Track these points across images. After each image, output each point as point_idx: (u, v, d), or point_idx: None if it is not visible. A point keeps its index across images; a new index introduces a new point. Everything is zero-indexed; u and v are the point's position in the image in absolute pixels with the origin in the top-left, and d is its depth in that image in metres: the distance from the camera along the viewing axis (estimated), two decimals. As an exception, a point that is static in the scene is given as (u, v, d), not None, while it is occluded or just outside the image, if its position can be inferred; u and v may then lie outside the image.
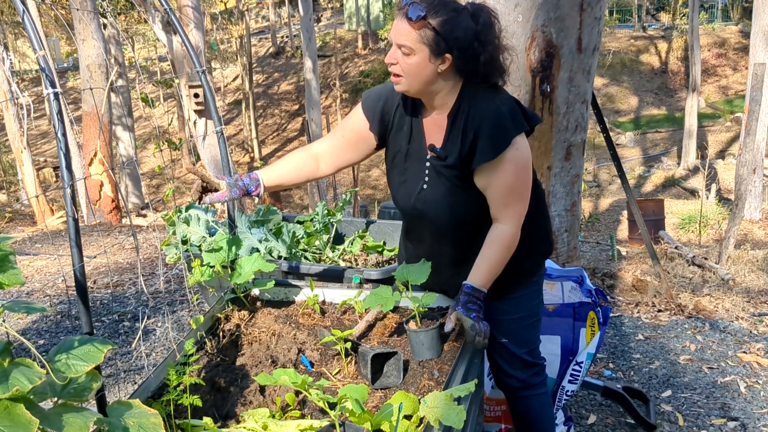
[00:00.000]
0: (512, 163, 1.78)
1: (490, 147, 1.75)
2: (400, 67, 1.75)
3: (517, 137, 1.77)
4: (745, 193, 6.04)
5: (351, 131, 1.98)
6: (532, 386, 2.11)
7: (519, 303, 2.02)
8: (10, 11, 15.34)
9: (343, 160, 2.01)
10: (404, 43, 1.72)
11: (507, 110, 1.77)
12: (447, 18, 1.70)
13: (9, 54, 9.61)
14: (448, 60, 1.73)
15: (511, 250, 1.84)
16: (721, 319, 4.14)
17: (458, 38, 1.71)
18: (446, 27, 1.70)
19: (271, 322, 2.03)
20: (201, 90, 7.77)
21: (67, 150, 1.39)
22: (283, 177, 1.97)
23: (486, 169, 1.79)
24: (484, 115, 1.76)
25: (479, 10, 1.75)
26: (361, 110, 1.95)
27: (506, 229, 1.83)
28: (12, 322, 4.22)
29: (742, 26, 21.90)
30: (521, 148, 1.78)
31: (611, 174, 14.83)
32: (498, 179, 1.80)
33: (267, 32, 26.96)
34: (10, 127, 10.44)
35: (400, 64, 1.75)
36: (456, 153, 1.81)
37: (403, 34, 1.72)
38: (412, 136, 1.90)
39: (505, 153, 1.76)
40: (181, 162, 19.36)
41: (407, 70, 1.75)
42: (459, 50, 1.72)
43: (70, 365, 1.28)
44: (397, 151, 1.93)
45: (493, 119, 1.75)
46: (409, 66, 1.74)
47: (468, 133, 1.78)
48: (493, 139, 1.75)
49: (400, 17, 1.72)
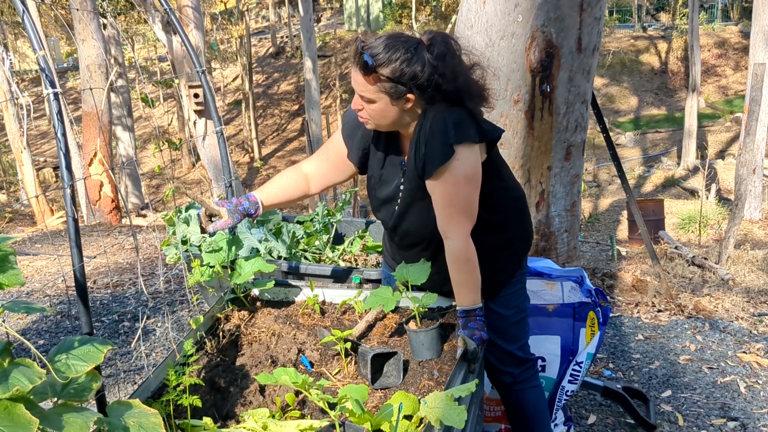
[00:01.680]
0: (452, 173, 1.75)
1: (433, 156, 1.75)
2: (366, 112, 1.78)
3: (459, 147, 1.73)
4: (744, 193, 6.03)
5: (335, 155, 2.02)
6: (525, 380, 2.14)
7: (506, 302, 2.05)
8: (10, 11, 15.34)
9: (330, 180, 2.06)
10: (363, 94, 1.75)
11: (452, 120, 1.74)
12: (400, 62, 1.68)
13: (9, 54, 9.61)
14: (411, 99, 1.74)
15: (471, 261, 1.83)
16: (721, 319, 4.14)
17: (415, 77, 1.70)
18: (399, 72, 1.69)
19: (271, 322, 2.03)
20: (201, 90, 7.76)
21: (67, 150, 1.39)
22: (279, 197, 2.03)
23: (431, 180, 1.79)
24: (431, 125, 1.76)
25: (433, 40, 1.73)
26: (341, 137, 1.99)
27: (453, 244, 1.82)
28: (12, 322, 4.22)
29: (742, 26, 21.90)
30: (463, 159, 1.75)
31: (611, 174, 14.83)
32: (438, 189, 1.79)
33: (267, 32, 26.96)
34: (10, 127, 10.44)
35: (365, 110, 1.78)
36: (413, 166, 1.82)
37: (360, 85, 1.74)
38: (386, 157, 1.92)
39: (446, 163, 1.74)
40: (181, 162, 19.38)
41: (372, 115, 1.78)
42: (418, 88, 1.72)
43: (70, 365, 1.28)
44: (372, 173, 1.97)
45: (436, 130, 1.74)
46: (373, 111, 1.77)
47: (420, 145, 1.78)
48: (435, 149, 1.74)
49: (356, 68, 1.72)
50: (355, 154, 1.98)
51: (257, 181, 18.41)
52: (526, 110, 3.05)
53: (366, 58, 1.68)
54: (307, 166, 2.07)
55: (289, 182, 2.04)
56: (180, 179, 18.41)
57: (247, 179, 18.60)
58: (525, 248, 2.10)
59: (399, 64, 1.68)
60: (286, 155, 20.45)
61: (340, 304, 2.11)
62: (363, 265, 2.96)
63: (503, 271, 2.02)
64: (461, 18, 3.14)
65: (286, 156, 20.38)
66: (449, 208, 1.80)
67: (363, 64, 1.69)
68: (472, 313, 1.84)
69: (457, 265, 1.83)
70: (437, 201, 1.81)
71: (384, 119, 1.79)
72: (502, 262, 2.00)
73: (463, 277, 1.84)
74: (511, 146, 3.10)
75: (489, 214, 1.90)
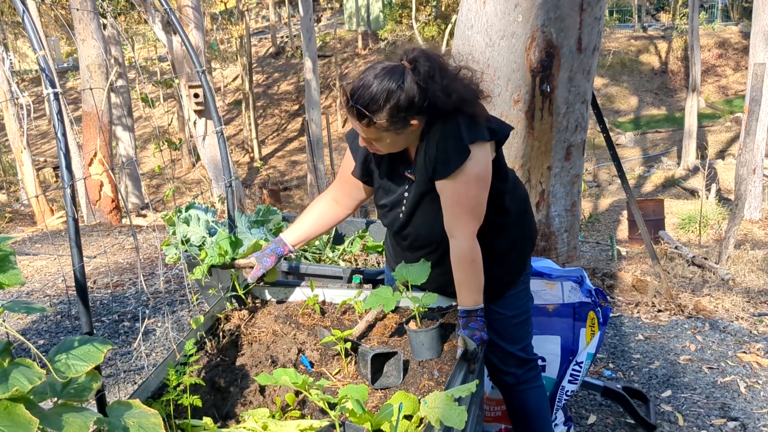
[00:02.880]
0: (464, 173, 1.76)
1: (448, 158, 1.76)
2: (374, 147, 1.81)
3: (473, 147, 1.75)
4: (745, 193, 6.03)
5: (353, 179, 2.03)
6: (528, 380, 2.14)
7: (509, 303, 2.05)
8: (10, 11, 15.34)
9: (356, 199, 2.08)
10: (368, 137, 1.77)
11: (464, 121, 1.76)
12: (393, 101, 1.68)
13: (9, 54, 9.61)
14: (414, 124, 1.75)
15: (476, 262, 1.84)
16: (721, 319, 4.14)
17: (412, 106, 1.70)
18: (395, 110, 1.69)
19: (271, 322, 2.03)
20: (201, 90, 7.77)
21: (67, 150, 1.39)
22: (309, 231, 2.09)
23: (445, 179, 1.79)
24: (443, 129, 1.76)
25: (415, 61, 1.71)
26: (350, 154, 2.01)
27: (459, 244, 1.83)
28: (12, 322, 4.22)
29: (742, 26, 21.90)
30: (475, 159, 1.76)
31: (611, 174, 14.83)
32: (448, 188, 1.79)
33: (267, 32, 26.96)
34: (10, 127, 10.45)
35: (374, 145, 1.80)
36: (422, 170, 1.82)
37: (362, 130, 1.76)
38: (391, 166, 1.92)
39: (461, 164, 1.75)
40: (181, 162, 19.38)
41: (382, 148, 1.81)
42: (418, 113, 1.73)
43: (70, 365, 1.27)
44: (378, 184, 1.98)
45: (449, 132, 1.75)
46: (382, 146, 1.79)
47: (430, 149, 1.79)
48: (450, 151, 1.75)
49: (352, 118, 1.74)
50: (359, 168, 1.99)
51: (257, 180, 18.42)
52: (526, 110, 3.05)
53: (360, 112, 1.69)
54: (333, 191, 2.10)
55: (319, 213, 2.09)
56: (180, 179, 18.41)
57: (247, 179, 18.60)
58: (530, 249, 2.10)
59: (393, 103, 1.68)
60: (286, 155, 20.45)
61: (340, 304, 2.10)
62: (363, 265, 2.96)
63: (509, 273, 2.02)
64: (461, 18, 3.14)
65: (286, 156, 20.39)
66: (457, 208, 1.80)
67: (359, 117, 1.70)
68: (473, 314, 1.84)
69: (462, 265, 1.83)
70: (446, 200, 1.81)
71: (395, 147, 1.81)
72: (508, 264, 2.01)
73: (467, 277, 1.84)
74: (511, 146, 3.10)
75: (496, 216, 1.91)
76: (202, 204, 3.00)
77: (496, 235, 1.93)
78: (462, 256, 1.82)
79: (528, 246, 2.08)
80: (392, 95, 1.67)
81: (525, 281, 2.09)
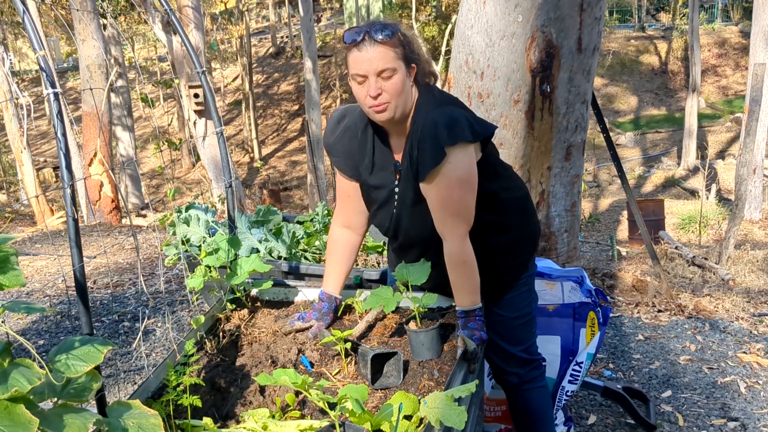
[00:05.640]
0: (444, 176, 1.74)
1: (425, 160, 1.74)
2: (386, 94, 1.72)
3: (451, 149, 1.72)
4: (745, 193, 6.04)
5: (348, 188, 2.00)
6: (531, 380, 2.14)
7: (511, 304, 2.04)
8: (10, 11, 15.34)
9: (365, 213, 2.04)
10: (386, 67, 1.71)
11: (443, 121, 1.73)
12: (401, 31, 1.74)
13: (9, 54, 9.61)
14: (413, 70, 1.77)
15: (468, 263, 1.83)
16: (721, 319, 4.14)
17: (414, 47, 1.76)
18: (406, 38, 1.74)
19: (271, 322, 2.03)
20: (201, 90, 7.77)
21: (67, 150, 1.39)
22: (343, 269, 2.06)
23: (424, 183, 1.78)
24: (423, 128, 1.75)
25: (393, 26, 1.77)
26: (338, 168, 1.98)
27: (449, 246, 1.82)
28: (12, 322, 4.22)
29: (742, 26, 21.90)
30: (455, 162, 1.73)
31: (611, 174, 14.83)
32: (431, 192, 1.78)
33: (267, 32, 26.97)
34: (10, 128, 10.45)
35: (385, 91, 1.72)
36: (407, 168, 1.81)
37: (380, 59, 1.70)
38: (374, 161, 1.90)
39: (438, 167, 1.73)
40: (181, 162, 19.38)
41: (394, 92, 1.73)
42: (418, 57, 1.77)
43: (69, 365, 1.27)
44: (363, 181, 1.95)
45: (427, 133, 1.73)
46: (394, 87, 1.72)
47: (413, 148, 1.77)
48: (428, 152, 1.73)
49: (368, 46, 1.70)
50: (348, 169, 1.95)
51: (257, 181, 18.42)
52: (526, 110, 3.05)
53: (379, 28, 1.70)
54: (338, 219, 2.06)
55: (341, 248, 2.05)
56: (180, 179, 18.41)
57: (247, 179, 18.60)
58: (531, 249, 2.07)
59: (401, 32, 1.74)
60: (286, 155, 20.45)
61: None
62: (363, 265, 2.96)
63: (507, 273, 2.01)
64: (461, 18, 3.14)
65: (286, 156, 20.39)
66: (443, 211, 1.80)
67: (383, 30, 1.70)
68: (472, 314, 1.84)
69: (454, 267, 1.83)
70: (431, 204, 1.81)
71: (402, 96, 1.74)
72: (506, 263, 1.99)
73: (461, 278, 1.84)
74: (511, 146, 3.10)
75: (490, 215, 1.90)
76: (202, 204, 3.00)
77: (492, 233, 1.92)
78: (453, 258, 1.82)
79: (529, 244, 2.06)
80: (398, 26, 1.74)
81: (527, 283, 2.08)
